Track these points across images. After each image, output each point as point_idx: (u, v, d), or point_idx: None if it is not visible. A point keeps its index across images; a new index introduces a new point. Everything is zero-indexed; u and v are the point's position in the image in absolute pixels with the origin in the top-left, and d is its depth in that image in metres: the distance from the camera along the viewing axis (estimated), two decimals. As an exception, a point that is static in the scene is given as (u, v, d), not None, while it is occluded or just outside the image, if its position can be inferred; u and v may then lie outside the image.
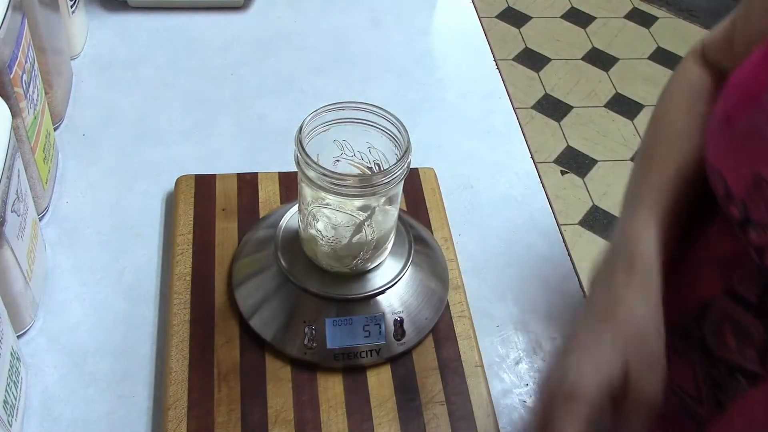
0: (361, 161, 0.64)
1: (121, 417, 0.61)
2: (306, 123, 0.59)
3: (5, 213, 0.57)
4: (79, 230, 0.74)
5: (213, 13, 0.99)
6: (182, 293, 0.67)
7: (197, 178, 0.76)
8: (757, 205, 0.49)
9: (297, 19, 0.99)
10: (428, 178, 0.79)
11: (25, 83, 0.66)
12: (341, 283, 0.65)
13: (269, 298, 0.65)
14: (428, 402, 0.62)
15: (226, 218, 0.73)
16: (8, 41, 0.63)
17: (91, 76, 0.89)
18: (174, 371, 0.62)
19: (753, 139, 0.50)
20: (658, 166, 0.59)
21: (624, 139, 2.27)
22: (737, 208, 0.51)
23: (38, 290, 0.67)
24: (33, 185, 0.69)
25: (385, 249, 0.66)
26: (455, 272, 0.71)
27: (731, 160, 0.52)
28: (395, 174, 0.58)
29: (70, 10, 0.85)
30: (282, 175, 0.77)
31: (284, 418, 0.60)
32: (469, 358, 0.65)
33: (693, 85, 0.62)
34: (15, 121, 0.63)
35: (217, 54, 0.93)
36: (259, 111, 0.87)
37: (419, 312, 0.66)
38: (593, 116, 2.33)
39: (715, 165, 0.53)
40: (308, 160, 0.57)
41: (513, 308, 0.72)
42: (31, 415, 0.61)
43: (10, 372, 0.56)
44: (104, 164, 0.80)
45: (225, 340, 0.64)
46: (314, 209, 0.61)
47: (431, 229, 0.74)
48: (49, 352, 0.65)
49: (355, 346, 0.63)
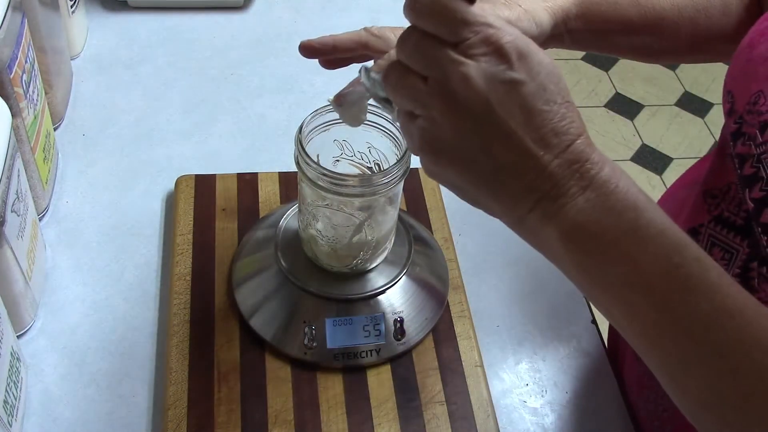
0: (361, 161, 0.64)
1: (121, 417, 0.61)
2: (306, 123, 0.59)
3: (5, 213, 0.57)
4: (79, 230, 0.74)
5: (213, 13, 0.99)
6: (182, 293, 0.67)
7: (197, 178, 0.76)
8: (750, 118, 0.51)
9: (297, 19, 0.99)
10: (428, 178, 0.79)
11: (25, 83, 0.66)
12: (341, 283, 0.65)
13: (269, 298, 0.65)
14: (428, 402, 0.62)
15: (226, 218, 0.73)
16: (8, 41, 0.63)
17: (91, 76, 0.89)
18: (174, 371, 0.62)
19: (766, 63, 0.51)
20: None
21: (624, 138, 2.27)
22: (735, 122, 0.53)
23: (38, 290, 0.67)
24: (33, 185, 0.69)
25: (385, 249, 0.66)
26: (455, 272, 0.71)
27: (743, 80, 0.53)
28: (395, 174, 0.58)
29: (70, 10, 0.85)
30: (282, 175, 0.77)
31: (284, 418, 0.60)
32: (469, 358, 0.65)
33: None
34: (15, 121, 0.63)
35: (217, 54, 0.93)
36: (259, 111, 0.87)
37: (419, 312, 0.66)
38: (593, 116, 2.33)
39: (728, 85, 0.55)
40: (308, 160, 0.57)
41: (513, 308, 0.72)
42: (31, 415, 0.61)
43: (10, 372, 0.56)
44: (104, 164, 0.80)
45: (225, 340, 0.64)
46: (314, 209, 0.61)
47: (431, 229, 0.74)
48: (49, 352, 0.65)
49: (355, 346, 0.63)
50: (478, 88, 0.39)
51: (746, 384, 0.37)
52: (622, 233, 0.39)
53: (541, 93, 0.40)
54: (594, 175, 0.40)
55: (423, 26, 0.41)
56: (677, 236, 0.39)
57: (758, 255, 0.51)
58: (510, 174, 0.40)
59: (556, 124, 0.40)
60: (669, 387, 0.41)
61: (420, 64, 0.41)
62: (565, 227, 0.40)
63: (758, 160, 0.50)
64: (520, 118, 0.39)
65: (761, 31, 0.54)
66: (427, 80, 0.41)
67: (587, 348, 0.70)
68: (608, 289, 0.40)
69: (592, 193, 0.40)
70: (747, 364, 0.37)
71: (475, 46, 0.40)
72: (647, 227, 0.39)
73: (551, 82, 0.40)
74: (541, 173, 0.40)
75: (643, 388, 0.65)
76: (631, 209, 0.39)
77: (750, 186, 0.51)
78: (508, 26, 0.41)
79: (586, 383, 0.68)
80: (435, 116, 0.41)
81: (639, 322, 0.40)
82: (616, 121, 2.33)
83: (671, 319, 0.39)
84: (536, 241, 0.43)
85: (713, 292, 0.38)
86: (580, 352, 0.70)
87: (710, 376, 0.38)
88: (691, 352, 0.38)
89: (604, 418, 0.66)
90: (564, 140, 0.40)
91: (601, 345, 0.71)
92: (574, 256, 0.41)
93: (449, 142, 0.41)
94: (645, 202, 0.40)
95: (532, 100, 0.39)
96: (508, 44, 0.40)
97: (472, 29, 0.40)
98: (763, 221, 0.50)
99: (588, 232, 0.40)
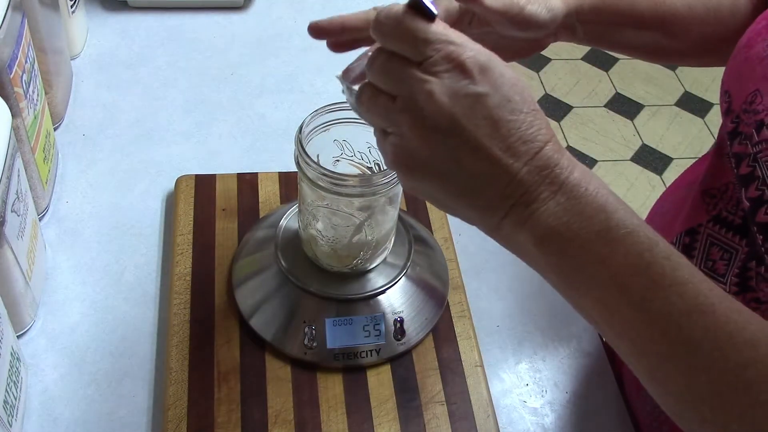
0: (361, 161, 0.64)
1: (121, 417, 0.61)
2: (306, 123, 0.59)
3: (5, 213, 0.57)
4: (79, 230, 0.74)
5: (213, 13, 0.99)
6: (182, 293, 0.67)
7: (197, 178, 0.76)
8: (747, 117, 0.52)
9: (297, 19, 0.99)
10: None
11: (25, 83, 0.66)
12: (341, 283, 0.65)
13: (269, 298, 0.65)
14: (428, 402, 0.62)
15: (226, 218, 0.73)
16: (8, 41, 0.63)
17: (91, 76, 0.89)
18: (174, 371, 0.62)
19: (762, 63, 0.52)
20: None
21: (624, 138, 2.27)
22: (732, 122, 0.53)
23: (38, 290, 0.67)
24: (33, 185, 0.69)
25: (385, 249, 0.66)
26: (455, 272, 0.71)
27: (740, 80, 0.54)
28: (395, 174, 0.58)
29: (70, 10, 0.85)
30: (282, 175, 0.77)
31: (284, 418, 0.60)
32: (469, 358, 0.65)
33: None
34: (15, 121, 0.63)
35: (217, 54, 0.93)
36: (259, 111, 0.87)
37: (419, 312, 0.66)
38: (593, 116, 2.33)
39: (726, 85, 0.55)
40: (308, 160, 0.57)
41: (513, 308, 0.72)
42: (31, 415, 0.61)
43: (10, 372, 0.56)
44: (104, 164, 0.80)
45: (225, 340, 0.64)
46: (314, 209, 0.61)
47: (431, 229, 0.74)
48: (49, 352, 0.65)
49: (355, 346, 0.63)
50: (443, 104, 0.40)
51: (721, 380, 0.38)
52: (594, 235, 0.40)
53: (506, 104, 0.41)
54: (564, 179, 0.41)
55: (389, 46, 0.43)
56: (648, 236, 0.40)
57: (756, 254, 0.51)
58: (482, 183, 0.41)
59: (524, 132, 0.41)
60: (649, 385, 0.41)
61: (388, 83, 0.43)
62: (538, 232, 0.41)
63: (754, 160, 0.51)
64: (486, 129, 0.40)
65: (758, 31, 0.54)
66: (395, 99, 0.42)
67: (587, 348, 0.70)
68: (584, 291, 0.41)
69: (562, 197, 0.41)
70: (720, 360, 0.38)
71: (437, 64, 0.41)
72: (617, 228, 0.40)
73: (515, 92, 0.41)
74: (512, 181, 0.41)
75: (641, 389, 0.65)
76: (601, 211, 0.40)
77: (746, 185, 0.51)
78: (469, 42, 0.42)
79: (586, 383, 0.68)
80: (405, 132, 0.42)
81: (615, 322, 0.41)
82: (616, 121, 2.33)
83: (645, 317, 0.39)
84: (513, 247, 0.44)
85: (685, 289, 0.39)
86: (580, 352, 0.70)
87: (686, 373, 0.39)
88: (666, 350, 0.39)
89: (604, 418, 0.66)
90: (532, 147, 0.41)
91: (601, 345, 0.71)
92: (548, 259, 0.42)
93: (421, 157, 0.42)
94: (615, 204, 0.41)
95: (498, 111, 0.40)
96: (468, 59, 0.41)
97: (434, 47, 0.41)
98: (759, 220, 0.50)
99: (560, 235, 0.40)
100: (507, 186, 0.41)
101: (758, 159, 0.50)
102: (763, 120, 0.50)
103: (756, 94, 0.51)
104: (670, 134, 2.30)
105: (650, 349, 0.40)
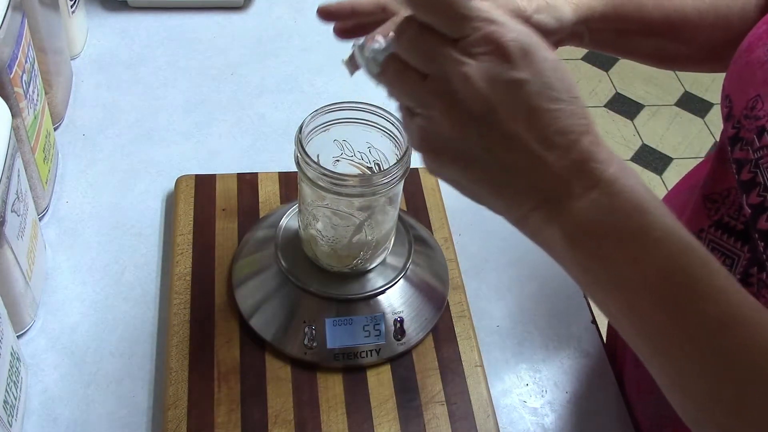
0: (361, 161, 0.64)
1: (121, 417, 0.61)
2: (306, 123, 0.59)
3: (5, 213, 0.57)
4: (79, 230, 0.74)
5: (213, 13, 0.99)
6: (182, 293, 0.67)
7: (197, 178, 0.76)
8: (748, 123, 0.51)
9: (297, 19, 0.99)
10: (428, 178, 0.79)
11: (25, 83, 0.66)
12: (341, 283, 0.65)
13: (269, 298, 0.65)
14: (428, 402, 0.62)
15: (226, 218, 0.73)
16: (8, 41, 0.63)
17: (91, 76, 0.89)
18: (174, 371, 0.62)
19: (763, 68, 0.50)
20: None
21: (624, 139, 2.27)
22: (733, 127, 0.52)
23: (38, 290, 0.67)
24: (33, 185, 0.69)
25: (385, 249, 0.66)
26: (455, 272, 0.71)
27: (740, 85, 0.53)
28: (395, 174, 0.58)
29: (70, 10, 0.85)
30: (282, 175, 0.77)
31: (284, 418, 0.60)
32: (469, 358, 0.65)
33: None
34: (15, 121, 0.63)
35: (217, 54, 0.93)
36: (259, 111, 0.87)
37: (419, 312, 0.66)
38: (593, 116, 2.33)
39: (726, 89, 0.54)
40: (308, 160, 0.57)
41: (513, 308, 0.72)
42: (31, 415, 0.61)
43: (10, 372, 0.56)
44: (104, 164, 0.80)
45: (225, 340, 0.64)
46: (314, 209, 0.61)
47: (431, 229, 0.74)
48: (49, 352, 0.65)
49: (355, 346, 0.63)
50: (480, 90, 0.38)
51: (749, 391, 0.37)
52: (627, 235, 0.38)
53: (547, 91, 0.38)
54: (599, 175, 0.39)
55: (421, 17, 0.39)
56: (684, 239, 0.38)
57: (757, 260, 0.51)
58: (513, 174, 0.40)
59: (563, 122, 0.39)
60: (669, 390, 0.40)
61: (418, 60, 0.40)
62: (568, 228, 0.39)
63: (756, 165, 0.50)
64: (523, 119, 0.38)
65: (759, 35, 0.53)
66: (425, 77, 0.40)
67: (587, 348, 0.70)
68: (611, 291, 0.40)
69: (597, 194, 0.39)
70: (751, 372, 0.37)
71: (475, 44, 0.38)
72: (653, 229, 0.38)
73: (557, 78, 0.39)
74: (545, 173, 0.39)
75: (642, 390, 0.65)
76: (637, 211, 0.38)
77: (748, 192, 0.50)
78: (511, 22, 0.39)
79: (586, 383, 0.68)
80: (435, 116, 0.40)
81: (642, 325, 0.39)
82: (616, 121, 2.33)
83: (675, 323, 0.38)
84: (539, 240, 0.42)
85: (720, 297, 0.37)
86: (580, 352, 0.70)
87: (712, 382, 0.37)
88: (694, 357, 0.38)
89: (604, 419, 0.66)
90: (570, 139, 0.39)
91: (601, 345, 0.71)
92: (577, 257, 0.40)
93: (450, 142, 0.40)
94: (651, 203, 0.39)
95: (537, 99, 0.38)
96: (510, 42, 0.38)
97: (473, 25, 0.38)
98: (760, 227, 0.49)
99: (592, 233, 0.39)
100: (539, 179, 0.39)
101: (760, 165, 0.49)
102: (764, 126, 0.49)
103: (757, 99, 0.51)
104: (670, 134, 2.30)
105: (676, 353, 0.38)
